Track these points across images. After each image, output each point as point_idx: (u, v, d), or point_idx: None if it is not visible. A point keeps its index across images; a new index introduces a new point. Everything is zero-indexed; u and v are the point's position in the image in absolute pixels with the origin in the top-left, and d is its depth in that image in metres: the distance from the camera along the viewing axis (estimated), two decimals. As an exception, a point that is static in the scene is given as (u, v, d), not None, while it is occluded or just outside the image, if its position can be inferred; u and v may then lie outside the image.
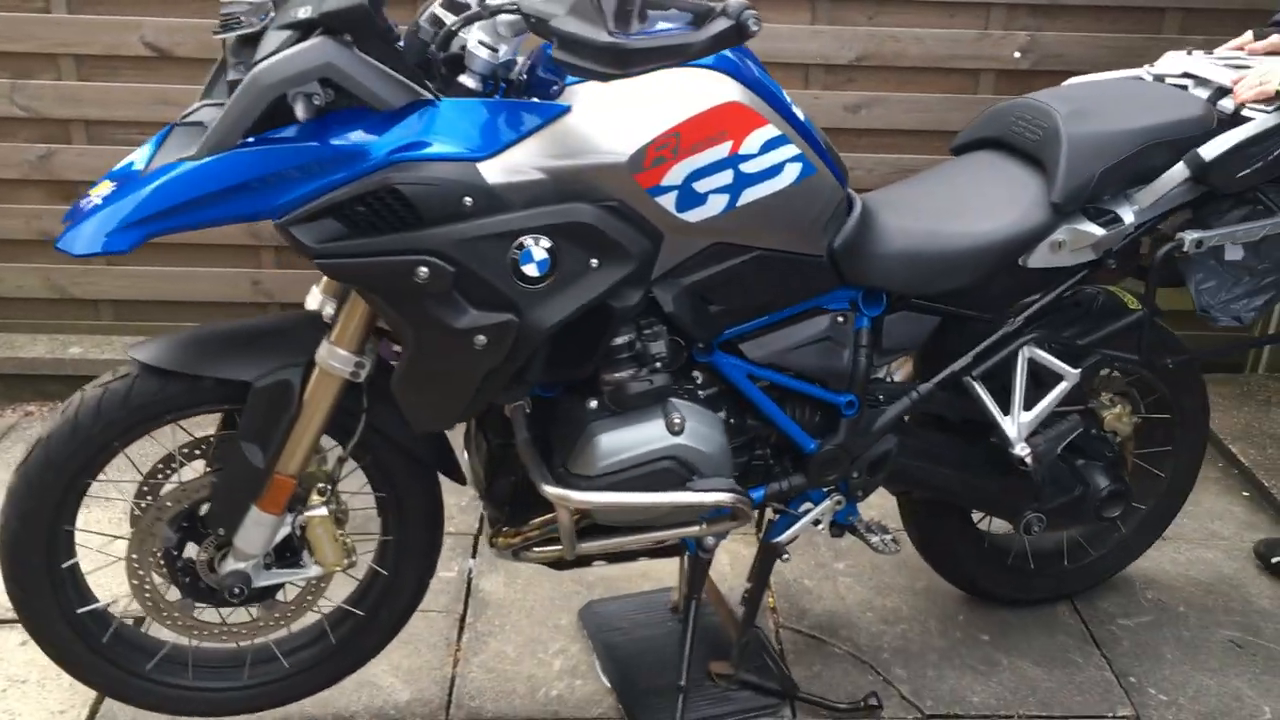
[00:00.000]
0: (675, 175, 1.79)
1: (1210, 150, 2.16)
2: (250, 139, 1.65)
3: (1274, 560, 2.88)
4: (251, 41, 1.69)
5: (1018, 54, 3.46)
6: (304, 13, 1.64)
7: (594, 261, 1.77)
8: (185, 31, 3.32)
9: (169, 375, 1.90)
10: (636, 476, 1.95)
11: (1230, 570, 2.89)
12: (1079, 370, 2.29)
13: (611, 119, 1.76)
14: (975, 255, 2.12)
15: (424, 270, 1.68)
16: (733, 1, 1.55)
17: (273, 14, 1.69)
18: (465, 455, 2.19)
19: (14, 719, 2.30)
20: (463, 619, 2.60)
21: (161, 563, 2.05)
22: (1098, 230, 2.17)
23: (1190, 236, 2.23)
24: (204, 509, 2.03)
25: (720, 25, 1.55)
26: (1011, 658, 2.54)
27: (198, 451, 2.03)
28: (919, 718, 2.37)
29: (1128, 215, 2.20)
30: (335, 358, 1.89)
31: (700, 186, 1.81)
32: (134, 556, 2.04)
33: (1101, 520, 2.51)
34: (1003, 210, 2.17)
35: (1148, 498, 2.66)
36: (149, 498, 2.03)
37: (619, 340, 1.89)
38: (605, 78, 1.57)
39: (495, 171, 1.69)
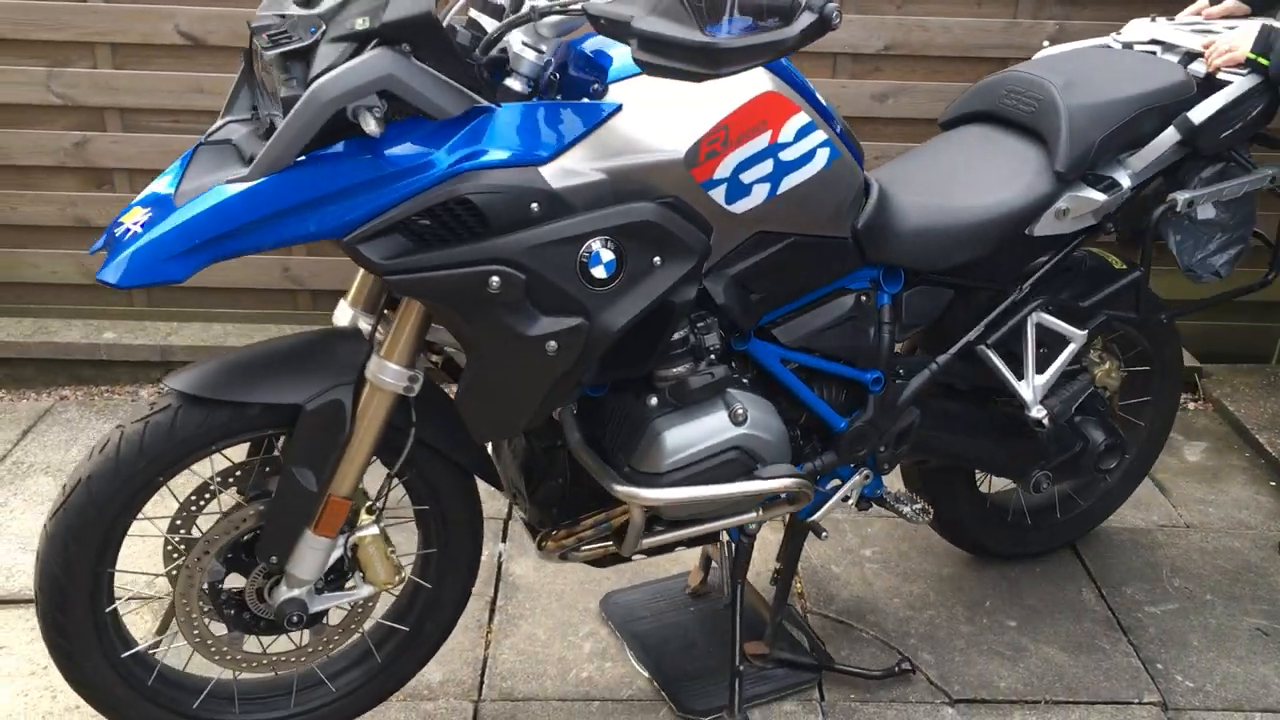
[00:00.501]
0: (725, 168, 1.81)
1: (1199, 114, 2.27)
2: (302, 157, 1.61)
3: None
4: (300, 56, 1.62)
5: (1046, 43, 3.44)
6: (361, 24, 1.59)
7: (657, 259, 1.78)
8: (218, 20, 3.35)
9: (213, 404, 1.81)
10: (705, 469, 1.97)
11: (1257, 559, 2.89)
12: (1085, 331, 2.37)
13: (664, 115, 1.76)
14: (988, 227, 2.18)
15: (496, 280, 1.66)
16: None
17: (324, 27, 1.63)
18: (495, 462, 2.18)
19: (55, 695, 2.34)
20: (494, 602, 2.63)
21: (207, 597, 1.97)
22: (1099, 196, 2.26)
23: (1182, 197, 2.33)
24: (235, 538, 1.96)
25: (807, 19, 1.53)
26: (1038, 643, 2.56)
27: (231, 480, 1.95)
28: (946, 702, 2.38)
29: (1124, 180, 2.29)
30: (388, 373, 1.83)
31: (746, 177, 1.84)
32: (181, 594, 1.95)
33: (1100, 472, 2.61)
34: (1009, 182, 2.24)
35: (1130, 447, 2.74)
36: (182, 531, 1.95)
37: (674, 335, 1.91)
38: (697, 78, 1.55)
39: (557, 175, 1.68)
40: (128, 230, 1.62)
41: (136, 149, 3.49)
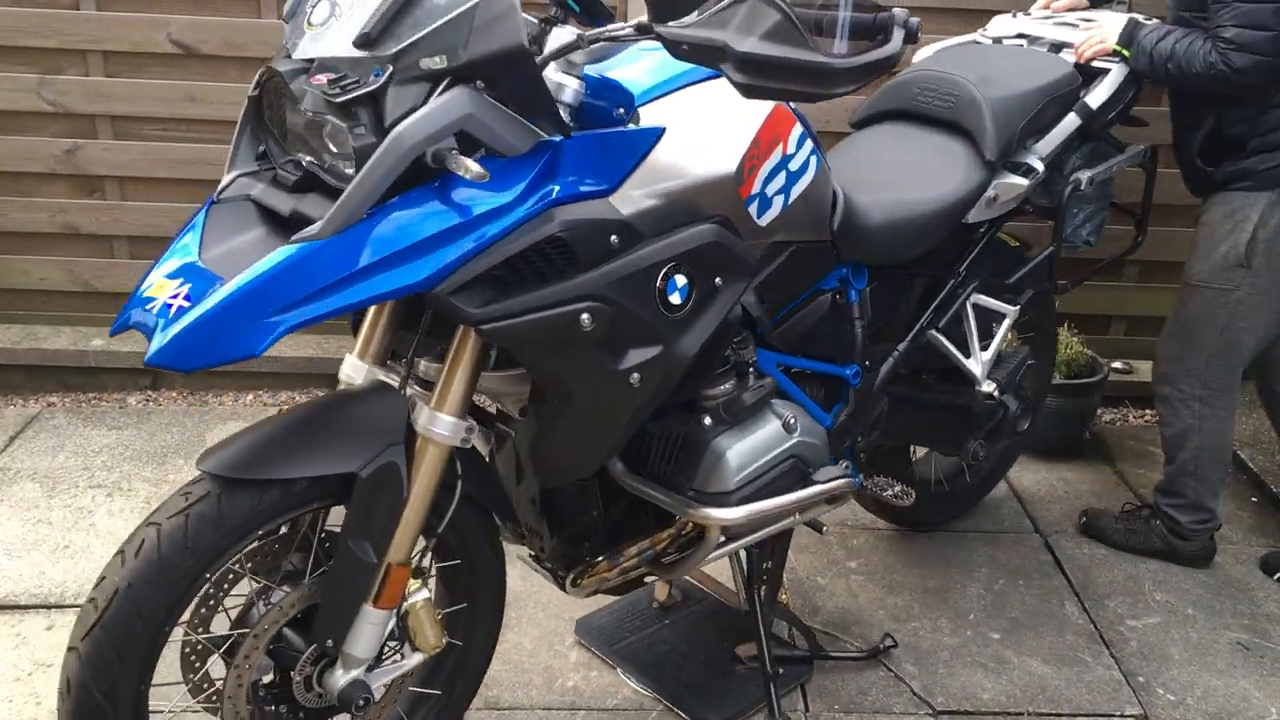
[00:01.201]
0: (758, 182, 1.84)
1: (1094, 100, 2.53)
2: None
3: (1278, 576, 2.93)
4: (364, 102, 1.49)
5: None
6: (437, 63, 1.48)
7: (719, 280, 1.78)
8: (211, 29, 3.37)
9: (258, 484, 1.62)
10: (768, 481, 2.00)
11: (1237, 573, 2.92)
12: (1017, 306, 2.55)
13: (705, 135, 1.76)
14: (941, 217, 2.29)
15: (587, 317, 1.61)
16: (897, 10, 1.55)
17: (390, 69, 1.49)
18: None
19: (39, 702, 2.34)
20: (480, 611, 2.64)
21: (250, 695, 1.76)
22: (1023, 181, 2.43)
23: (1085, 176, 2.58)
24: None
25: (901, 35, 1.54)
26: (1021, 656, 2.58)
27: (249, 565, 1.73)
28: (930, 714, 2.40)
29: (1037, 164, 2.46)
30: (442, 425, 1.70)
31: (769, 189, 1.87)
32: (229, 697, 1.74)
33: (1016, 435, 2.72)
34: (949, 174, 2.36)
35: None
36: (201, 630, 1.71)
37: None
38: (808, 98, 1.53)
39: (624, 203, 1.65)
40: (169, 305, 1.45)
41: (127, 156, 3.49)
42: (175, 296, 1.46)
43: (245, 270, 1.44)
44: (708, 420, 1.96)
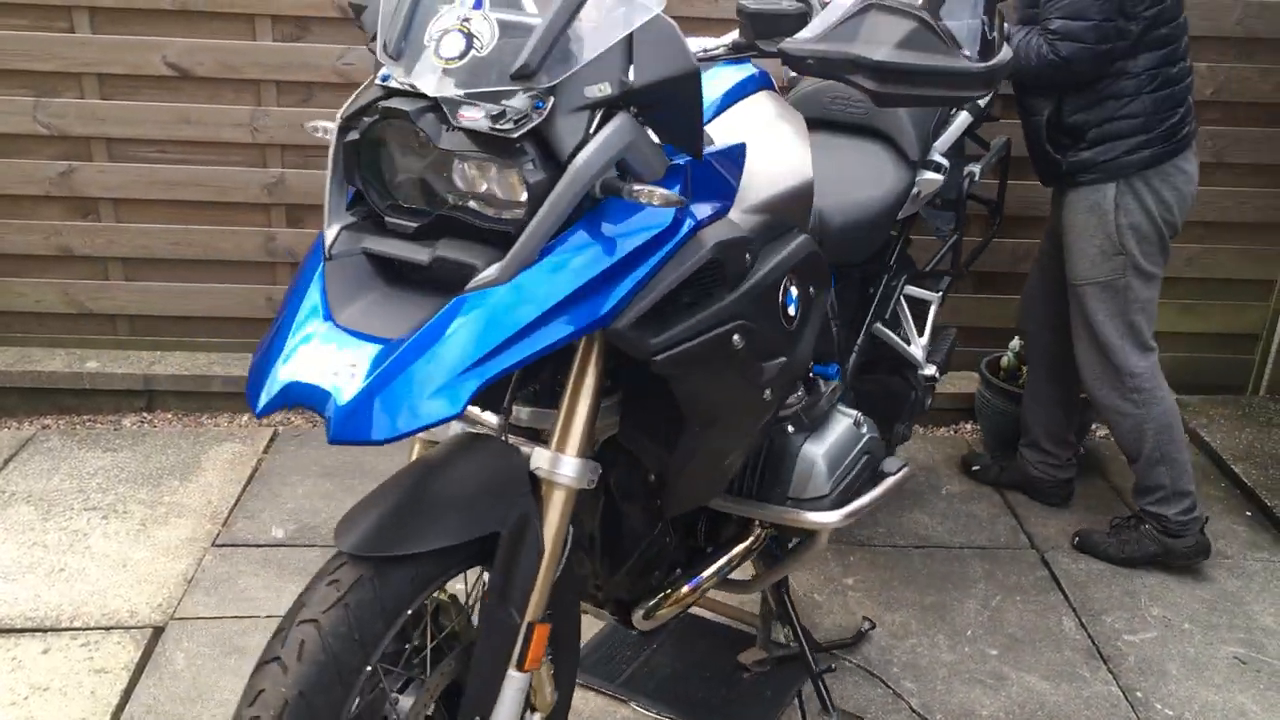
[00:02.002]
0: None
1: (982, 100, 2.66)
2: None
3: (974, 468, 3.38)
4: (529, 135, 1.42)
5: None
6: (601, 90, 1.44)
7: (812, 289, 1.79)
8: (207, 52, 3.38)
9: (410, 560, 1.49)
10: (853, 479, 2.02)
11: (1233, 588, 2.93)
12: (940, 293, 2.69)
13: (772, 147, 1.76)
14: (886, 217, 2.38)
15: (737, 337, 1.60)
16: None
17: (551, 100, 1.42)
18: None
19: (36, 726, 2.33)
20: (478, 631, 2.63)
21: None
22: (939, 176, 2.53)
23: (976, 169, 2.76)
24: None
25: (1007, 45, 1.60)
26: (1019, 672, 2.58)
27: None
28: (929, 730, 2.40)
29: (943, 160, 2.57)
30: (568, 467, 1.59)
31: None
32: None
33: (923, 411, 2.77)
34: (883, 175, 2.44)
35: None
36: None
37: None
38: (944, 102, 1.58)
39: (741, 220, 1.64)
40: (343, 378, 1.35)
41: (122, 179, 3.50)
42: (336, 365, 1.37)
43: (420, 328, 1.36)
44: (790, 429, 1.97)
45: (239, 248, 3.60)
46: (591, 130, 1.43)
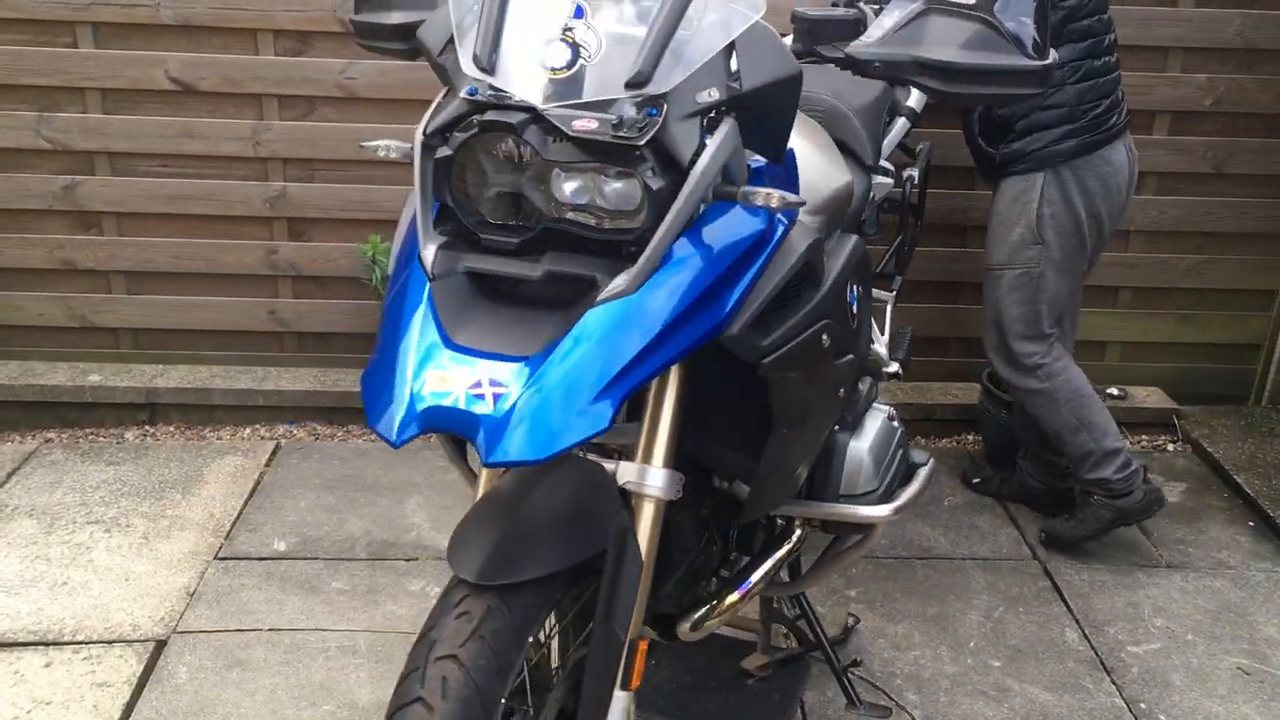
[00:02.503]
0: None
1: (916, 104, 2.73)
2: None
3: (974, 480, 3.39)
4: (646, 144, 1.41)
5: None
6: (710, 95, 1.44)
7: (859, 288, 1.81)
8: (209, 66, 3.39)
9: (532, 584, 1.46)
10: (895, 472, 2.02)
11: (1237, 598, 2.92)
12: (894, 291, 2.74)
13: (813, 149, 1.79)
14: (850, 221, 2.38)
15: (825, 336, 1.60)
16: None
17: (665, 106, 1.41)
18: None
19: (38, 740, 2.33)
20: (480, 643, 2.63)
21: None
22: (890, 180, 2.57)
23: (915, 172, 2.79)
24: None
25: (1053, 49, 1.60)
26: (1023, 684, 2.57)
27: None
28: (932, 742, 2.40)
29: (889, 165, 2.61)
30: (656, 479, 1.57)
31: None
32: None
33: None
34: (845, 179, 2.49)
35: None
36: None
37: None
38: (1007, 100, 1.61)
39: (810, 221, 1.67)
40: (480, 398, 1.35)
41: (125, 193, 3.51)
42: (476, 388, 1.35)
43: (555, 343, 1.36)
44: (836, 426, 1.96)
45: (241, 261, 3.61)
46: (700, 136, 1.43)
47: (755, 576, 1.96)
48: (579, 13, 1.45)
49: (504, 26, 1.46)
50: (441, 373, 1.37)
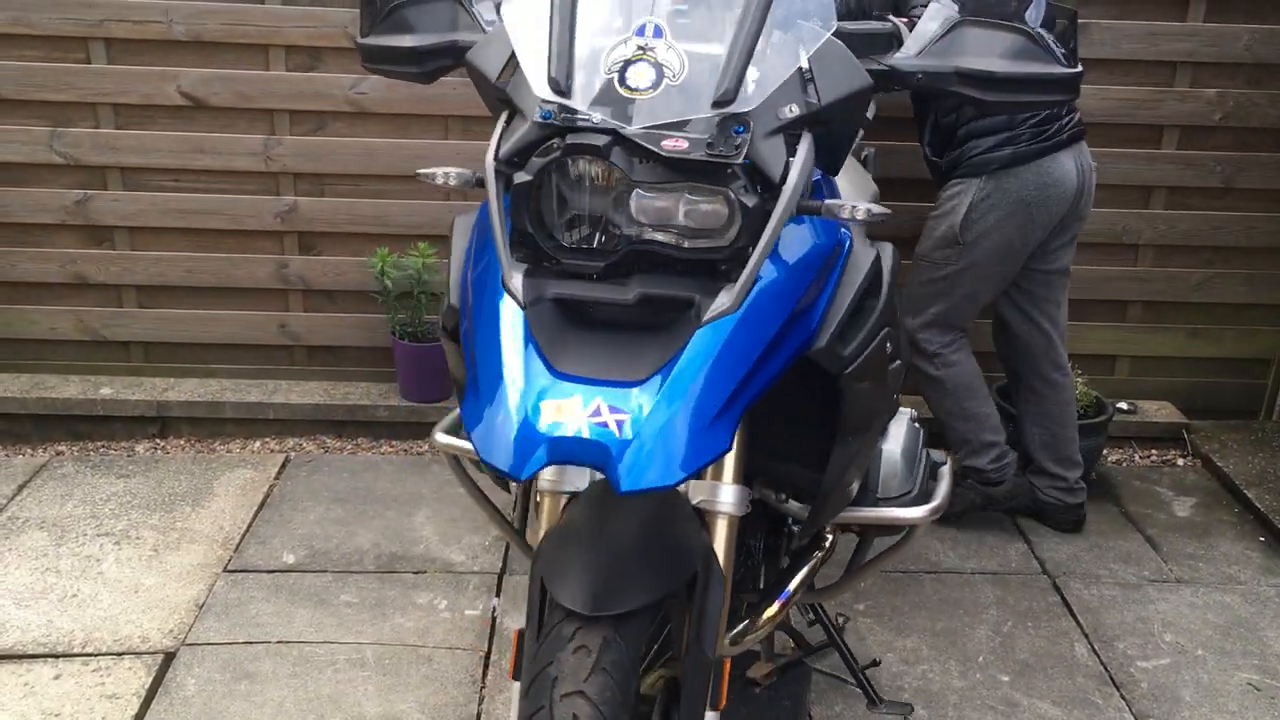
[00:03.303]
0: None
1: (870, 114, 2.67)
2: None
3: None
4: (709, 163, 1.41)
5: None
6: (791, 111, 1.45)
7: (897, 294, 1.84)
8: (221, 82, 3.41)
9: (642, 610, 1.45)
10: (923, 475, 2.02)
11: (1247, 613, 2.91)
12: None
13: (844, 171, 1.80)
14: None
15: (889, 343, 1.61)
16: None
17: (750, 124, 1.42)
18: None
19: (47, 752, 2.34)
20: (488, 657, 2.63)
21: None
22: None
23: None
24: None
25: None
26: (1031, 699, 2.56)
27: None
28: (940, 757, 2.39)
29: None
30: (729, 494, 1.58)
31: None
32: None
33: None
34: (876, 190, 2.52)
35: None
36: None
37: None
38: (1045, 106, 1.62)
39: (856, 228, 1.68)
40: (604, 426, 1.34)
41: (137, 207, 3.53)
42: (596, 416, 1.35)
43: (667, 367, 1.36)
44: None
45: (252, 275, 3.63)
46: (786, 152, 1.44)
47: (792, 586, 1.94)
48: (658, 32, 1.45)
49: (575, 48, 1.45)
50: (557, 402, 1.36)
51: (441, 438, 2.00)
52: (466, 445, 1.95)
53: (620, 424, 1.33)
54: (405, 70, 1.76)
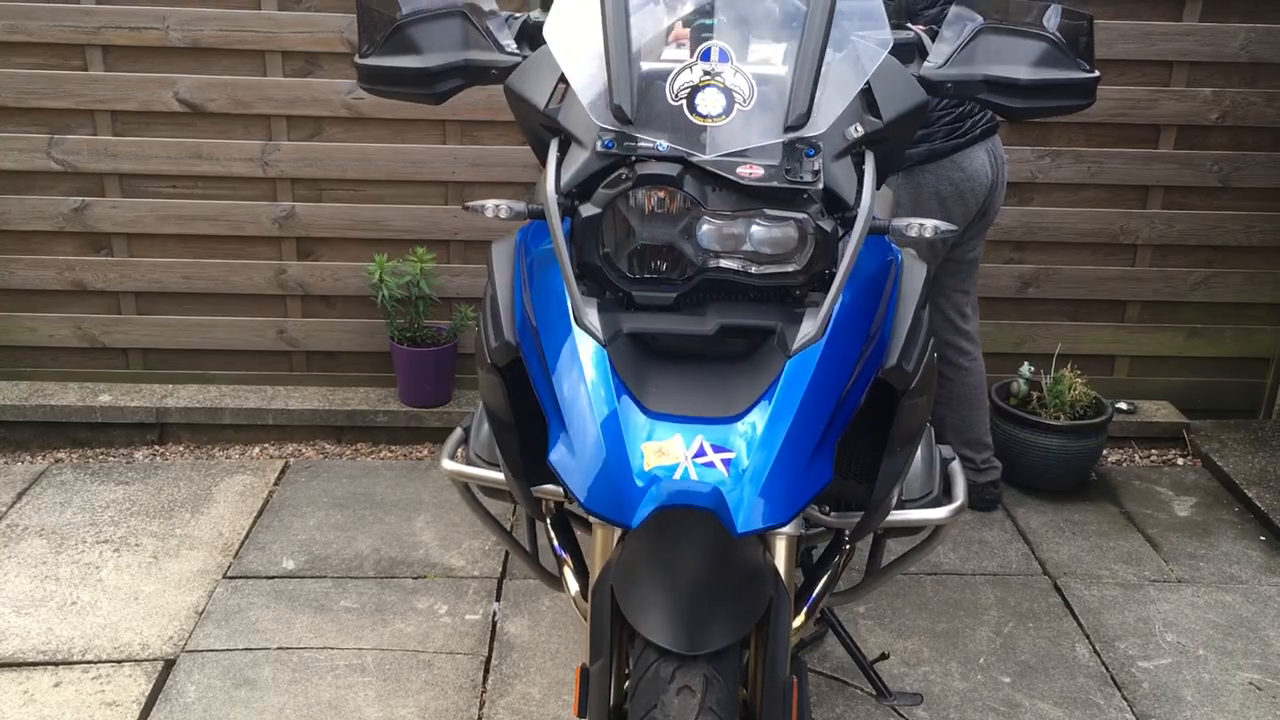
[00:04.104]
0: None
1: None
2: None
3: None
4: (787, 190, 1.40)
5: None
6: (855, 131, 1.45)
7: None
8: (218, 88, 3.42)
9: (734, 648, 1.46)
10: (938, 473, 2.01)
11: (1248, 613, 2.90)
12: None
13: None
14: None
15: (935, 354, 1.63)
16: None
17: (820, 146, 1.40)
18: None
19: (48, 759, 2.33)
20: (488, 661, 2.63)
21: None
22: None
23: None
24: None
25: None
26: (1033, 699, 2.56)
27: None
28: (942, 759, 2.38)
29: None
30: None
31: None
32: None
33: None
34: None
35: None
36: None
37: None
38: (1070, 110, 1.61)
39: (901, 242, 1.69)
40: (711, 466, 1.32)
41: (135, 214, 3.53)
42: (700, 456, 1.33)
43: (762, 401, 1.34)
44: None
45: (250, 281, 3.63)
46: (855, 173, 1.44)
47: (816, 593, 1.93)
48: (724, 56, 1.42)
49: (634, 74, 1.41)
50: (658, 444, 1.33)
51: (449, 465, 1.94)
52: (475, 472, 1.93)
53: (727, 462, 1.31)
54: (413, 92, 1.70)
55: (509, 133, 3.46)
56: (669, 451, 1.33)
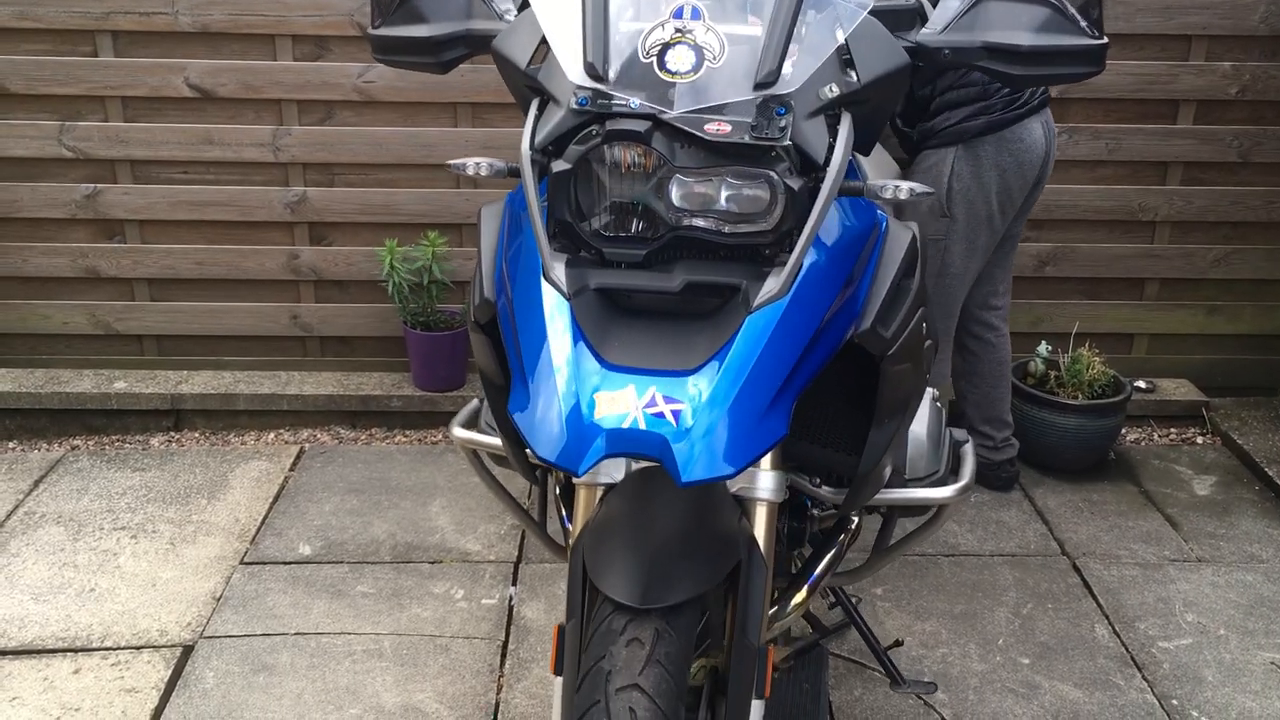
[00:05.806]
0: None
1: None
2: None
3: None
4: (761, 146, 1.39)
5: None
6: (830, 92, 1.42)
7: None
8: (228, 73, 3.40)
9: (691, 604, 1.45)
10: (947, 454, 1.99)
11: (1270, 592, 2.88)
12: None
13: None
14: None
15: (924, 323, 1.59)
16: None
17: (792, 104, 1.39)
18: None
19: (68, 746, 2.34)
20: (505, 646, 2.63)
21: None
22: None
23: None
24: None
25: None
26: (1052, 681, 2.55)
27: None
28: (961, 741, 2.38)
29: None
30: (768, 481, 1.57)
31: None
32: None
33: None
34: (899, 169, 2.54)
35: None
36: None
37: None
38: (1074, 79, 1.57)
39: (889, 208, 1.65)
40: (660, 417, 1.32)
41: (147, 200, 3.53)
42: (651, 406, 1.33)
43: (719, 355, 1.35)
44: None
45: (262, 266, 3.62)
46: (827, 132, 1.42)
47: (819, 569, 1.92)
48: (695, 14, 1.42)
49: (609, 32, 1.42)
50: (610, 394, 1.34)
51: (459, 432, 1.97)
52: (485, 439, 1.94)
53: (676, 414, 1.32)
54: (420, 61, 1.72)
55: (520, 115, 3.43)
56: (620, 401, 1.33)
